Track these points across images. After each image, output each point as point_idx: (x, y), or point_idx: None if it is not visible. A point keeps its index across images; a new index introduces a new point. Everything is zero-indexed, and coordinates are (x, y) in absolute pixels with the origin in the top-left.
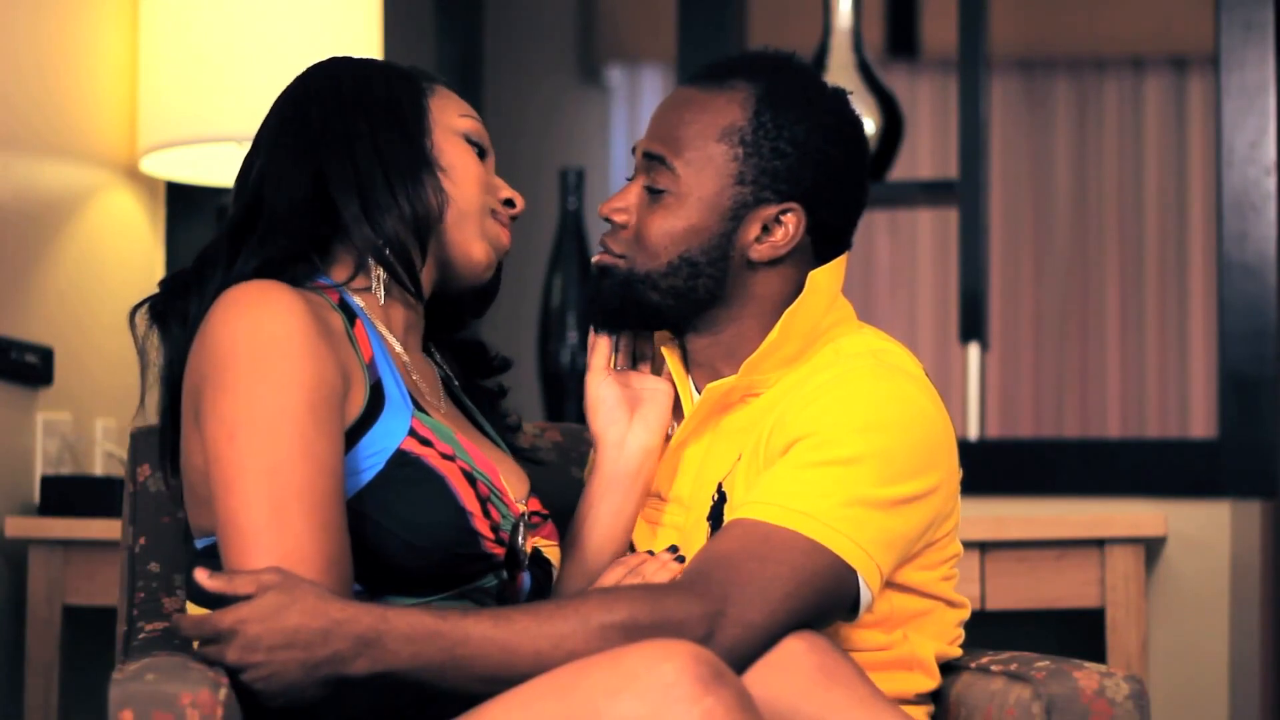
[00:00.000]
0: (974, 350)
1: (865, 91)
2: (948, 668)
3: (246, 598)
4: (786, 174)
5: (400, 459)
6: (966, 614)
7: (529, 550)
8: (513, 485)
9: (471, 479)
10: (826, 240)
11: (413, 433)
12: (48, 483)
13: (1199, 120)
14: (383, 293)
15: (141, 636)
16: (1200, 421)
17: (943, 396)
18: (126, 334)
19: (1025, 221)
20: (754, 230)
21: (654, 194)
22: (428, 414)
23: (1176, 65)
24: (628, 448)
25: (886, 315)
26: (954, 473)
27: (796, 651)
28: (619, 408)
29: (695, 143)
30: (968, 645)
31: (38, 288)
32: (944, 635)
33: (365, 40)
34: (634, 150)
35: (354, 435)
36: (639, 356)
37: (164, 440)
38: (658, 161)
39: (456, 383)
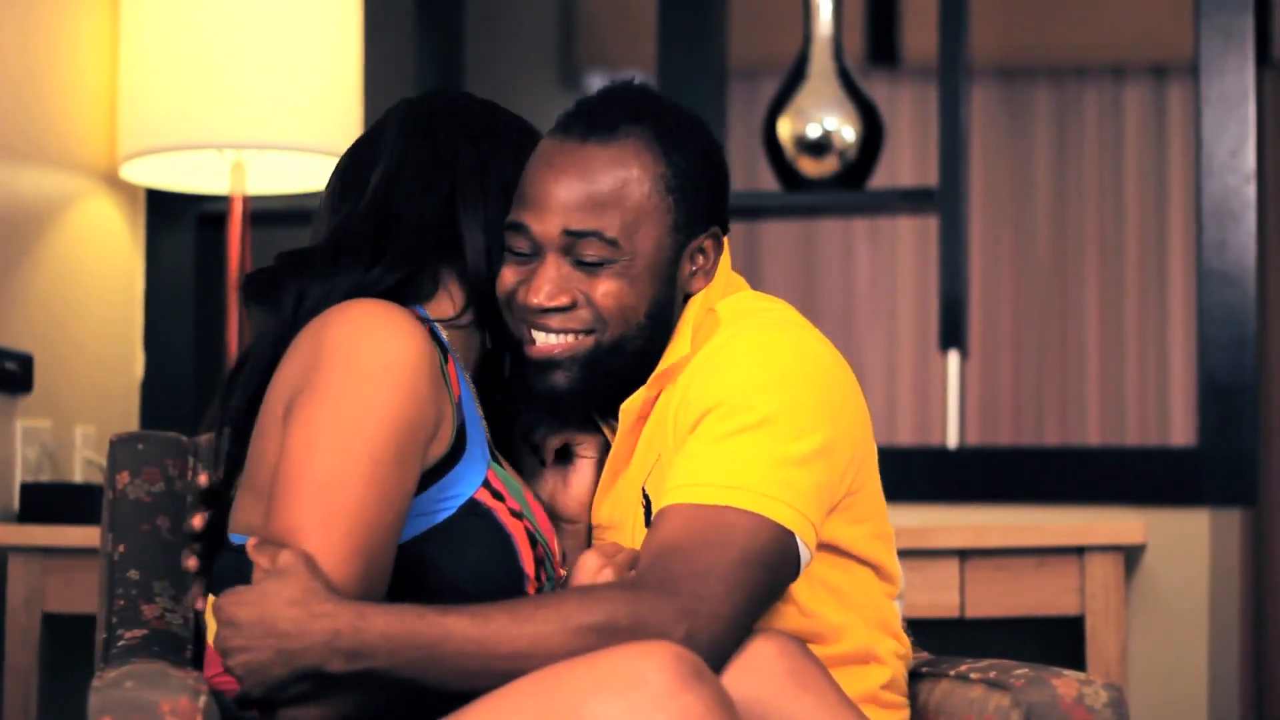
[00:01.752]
0: (954, 358)
1: (846, 100)
2: (923, 674)
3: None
4: (706, 205)
5: (473, 508)
6: (896, 590)
7: None
8: (558, 543)
9: (533, 540)
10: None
11: (487, 483)
12: (27, 490)
13: (1179, 128)
14: (483, 333)
15: (121, 644)
16: (1180, 429)
17: (923, 404)
18: (106, 340)
19: (1005, 229)
20: (689, 266)
21: (589, 266)
22: (501, 465)
23: (1156, 74)
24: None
25: (866, 323)
26: (862, 410)
27: (767, 656)
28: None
29: (624, 204)
30: (947, 652)
31: (17, 294)
32: (883, 618)
33: (346, 48)
34: (521, 227)
35: (434, 474)
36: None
37: (233, 415)
38: (590, 236)
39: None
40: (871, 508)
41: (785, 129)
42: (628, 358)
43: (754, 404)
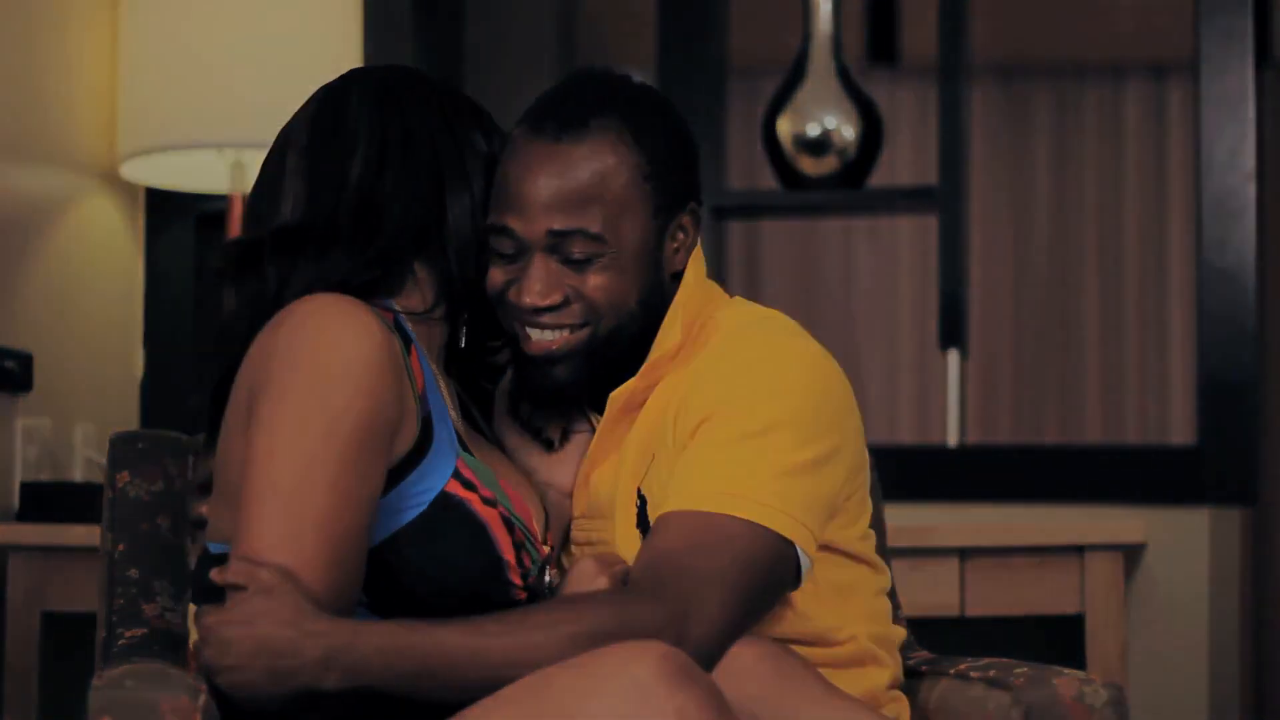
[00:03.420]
0: (953, 357)
1: (845, 98)
2: (923, 673)
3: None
4: (680, 183)
5: (444, 501)
6: (888, 582)
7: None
8: (538, 522)
9: (509, 525)
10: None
11: (457, 474)
12: (27, 489)
13: (1178, 127)
14: (463, 331)
15: (121, 643)
16: (1180, 428)
17: (922, 403)
18: (106, 339)
19: (1005, 228)
20: (671, 245)
21: (577, 262)
22: (470, 453)
23: (1156, 73)
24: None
25: (866, 322)
26: (858, 419)
27: (746, 661)
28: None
29: (605, 198)
30: (947, 651)
31: (17, 293)
32: (876, 610)
33: (345, 46)
34: (505, 229)
35: (401, 470)
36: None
37: (210, 418)
38: (576, 234)
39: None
40: (861, 509)
41: (785, 128)
42: (625, 344)
43: (757, 411)
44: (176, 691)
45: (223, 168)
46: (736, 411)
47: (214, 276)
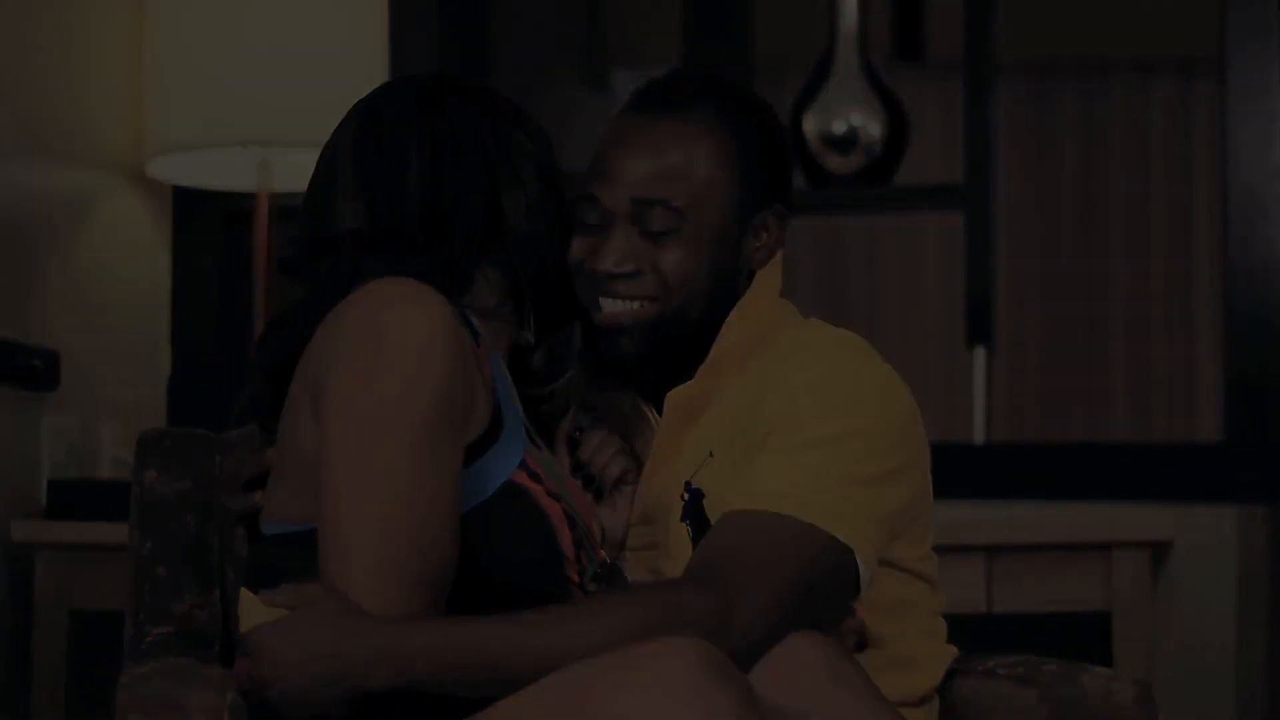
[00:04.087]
0: (980, 354)
1: (871, 95)
2: (952, 671)
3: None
4: (770, 181)
5: (510, 489)
6: (944, 603)
7: None
8: (596, 526)
9: (571, 521)
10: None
11: (524, 464)
12: (54, 487)
13: (1205, 123)
14: (532, 324)
15: (149, 640)
16: (1207, 425)
17: (949, 400)
18: (133, 337)
19: (1032, 225)
20: (753, 242)
21: (656, 235)
22: (537, 446)
23: (1182, 69)
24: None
25: (892, 318)
26: (927, 450)
27: (805, 655)
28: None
29: (691, 176)
30: (974, 648)
31: (44, 291)
32: (931, 628)
33: (371, 44)
34: (590, 199)
35: (471, 454)
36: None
37: (260, 403)
38: (657, 205)
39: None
40: (926, 532)
41: (811, 125)
42: (691, 325)
43: (827, 422)
44: (204, 689)
45: (250, 166)
46: (806, 421)
47: (282, 267)
